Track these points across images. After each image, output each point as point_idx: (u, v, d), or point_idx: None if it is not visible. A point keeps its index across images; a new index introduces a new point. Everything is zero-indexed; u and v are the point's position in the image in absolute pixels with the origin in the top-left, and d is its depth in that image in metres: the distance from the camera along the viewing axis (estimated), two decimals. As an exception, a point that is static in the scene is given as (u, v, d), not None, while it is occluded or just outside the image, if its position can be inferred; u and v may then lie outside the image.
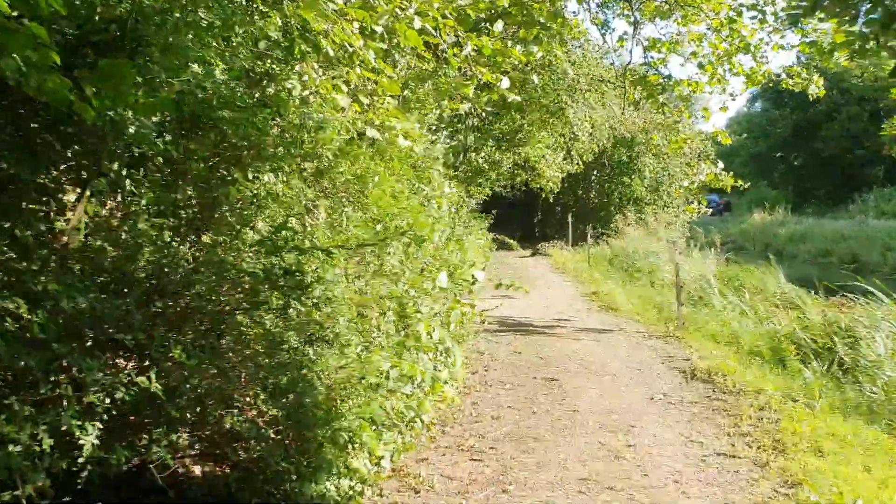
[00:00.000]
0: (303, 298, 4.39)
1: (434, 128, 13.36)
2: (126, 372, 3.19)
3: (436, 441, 6.10)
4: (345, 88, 5.66)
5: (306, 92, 5.18)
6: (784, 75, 13.03)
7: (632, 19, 14.13)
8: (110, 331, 3.32)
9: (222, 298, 4.44)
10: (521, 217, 35.25)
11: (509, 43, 8.17)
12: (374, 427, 5.17)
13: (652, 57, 13.58)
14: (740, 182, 13.76)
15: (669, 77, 12.92)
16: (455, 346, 7.14)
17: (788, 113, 50.96)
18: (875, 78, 39.96)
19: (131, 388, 3.14)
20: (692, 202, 14.54)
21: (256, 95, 5.21)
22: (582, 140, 23.51)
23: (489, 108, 19.85)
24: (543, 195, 25.44)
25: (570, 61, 19.86)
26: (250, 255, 4.68)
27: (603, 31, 19.87)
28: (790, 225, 37.76)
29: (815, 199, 47.01)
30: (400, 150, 6.66)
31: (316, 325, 4.52)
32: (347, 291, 5.53)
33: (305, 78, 5.22)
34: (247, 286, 4.45)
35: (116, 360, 3.60)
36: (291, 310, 4.50)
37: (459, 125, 21.02)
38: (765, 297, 13.44)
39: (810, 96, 12.30)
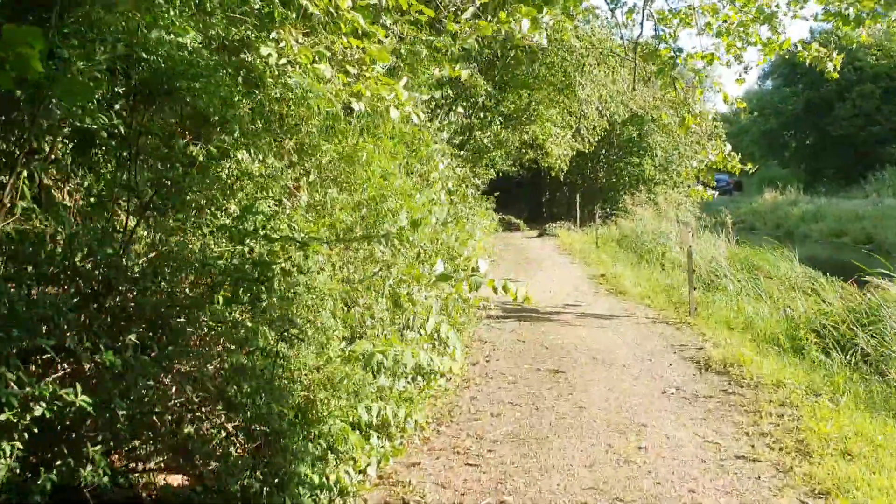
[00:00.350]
0: (276, 289, 3.90)
1: (435, 104, 12.81)
2: (48, 382, 2.70)
3: (429, 442, 5.61)
4: (329, 55, 5.14)
5: (283, 61, 4.66)
6: (801, 48, 12.42)
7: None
8: (36, 333, 2.84)
9: (186, 291, 3.97)
10: (529, 196, 34.78)
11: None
12: (358, 432, 4.71)
13: (663, 30, 12.96)
14: (750, 164, 13.12)
15: (681, 50, 12.30)
16: (454, 336, 6.65)
17: (800, 90, 50.14)
18: (891, 54, 39.15)
19: (53, 403, 2.66)
20: (700, 184, 13.86)
21: (234, 64, 4.72)
22: (591, 118, 22.93)
23: (491, 87, 19.42)
24: (553, 174, 24.82)
25: (576, 36, 19.28)
26: (222, 242, 4.20)
27: (612, 6, 19.09)
28: (802, 204, 37.07)
29: (826, 178, 46.24)
30: (393, 125, 6.16)
31: (289, 321, 4.04)
32: (332, 281, 5.06)
33: (283, 45, 4.70)
34: (213, 278, 3.97)
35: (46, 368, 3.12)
36: (264, 303, 4.02)
37: (464, 103, 20.48)
38: (780, 280, 12.93)
39: (829, 75, 11.60)
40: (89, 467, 2.85)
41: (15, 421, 2.62)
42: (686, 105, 12.84)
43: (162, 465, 3.99)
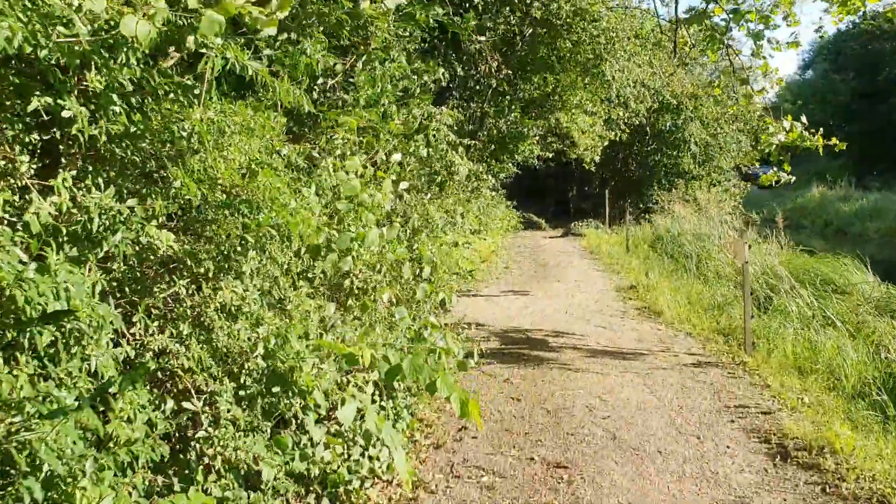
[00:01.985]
0: None
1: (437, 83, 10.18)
2: None
3: None
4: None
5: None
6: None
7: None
8: None
9: None
10: (554, 192, 32.25)
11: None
12: None
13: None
14: (835, 140, 10.29)
15: (736, 10, 9.63)
16: (392, 434, 4.11)
17: (850, 78, 46.74)
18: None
19: None
20: (775, 166, 10.89)
21: None
22: (625, 100, 20.21)
23: (509, 69, 16.87)
24: (586, 165, 21.96)
25: (609, 8, 16.68)
26: None
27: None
28: (854, 200, 33.73)
29: (876, 172, 42.70)
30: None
31: None
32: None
33: None
34: None
35: None
36: None
37: (477, 87, 17.92)
38: (853, 298, 10.21)
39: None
40: None
41: None
42: (739, 76, 10.12)
43: None
